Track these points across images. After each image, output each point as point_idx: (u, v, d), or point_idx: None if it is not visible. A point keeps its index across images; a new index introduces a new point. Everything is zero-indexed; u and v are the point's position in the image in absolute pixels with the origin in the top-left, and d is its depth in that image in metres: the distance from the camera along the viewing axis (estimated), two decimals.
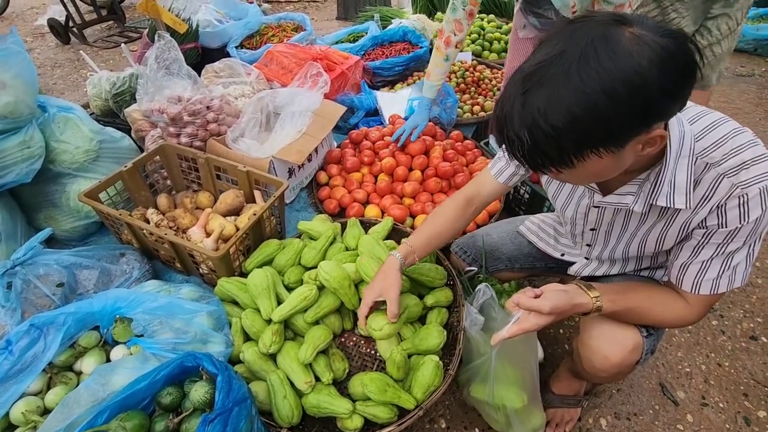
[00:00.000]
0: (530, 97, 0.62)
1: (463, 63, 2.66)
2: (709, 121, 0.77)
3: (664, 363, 1.47)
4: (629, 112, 0.60)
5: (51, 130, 1.54)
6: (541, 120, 0.61)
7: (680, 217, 0.83)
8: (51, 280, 1.26)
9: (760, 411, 1.34)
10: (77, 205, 1.58)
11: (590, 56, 0.59)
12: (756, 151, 0.73)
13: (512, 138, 0.66)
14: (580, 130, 0.61)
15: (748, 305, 1.65)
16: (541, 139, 0.63)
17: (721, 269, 0.82)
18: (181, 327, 1.09)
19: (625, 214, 0.93)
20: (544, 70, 0.61)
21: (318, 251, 1.34)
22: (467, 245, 1.40)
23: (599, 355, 0.99)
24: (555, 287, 0.88)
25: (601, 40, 0.59)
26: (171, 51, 1.78)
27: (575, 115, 0.59)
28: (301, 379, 1.08)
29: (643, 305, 0.91)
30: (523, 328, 0.87)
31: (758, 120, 2.76)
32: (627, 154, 0.67)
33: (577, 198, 0.99)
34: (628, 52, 0.58)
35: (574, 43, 0.60)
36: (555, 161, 0.66)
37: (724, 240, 0.79)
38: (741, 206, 0.74)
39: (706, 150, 0.76)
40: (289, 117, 1.82)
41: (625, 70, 0.58)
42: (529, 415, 1.13)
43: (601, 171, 0.70)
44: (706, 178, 0.76)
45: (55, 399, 1.00)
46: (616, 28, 0.60)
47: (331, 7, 5.07)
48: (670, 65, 0.59)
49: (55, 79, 3.66)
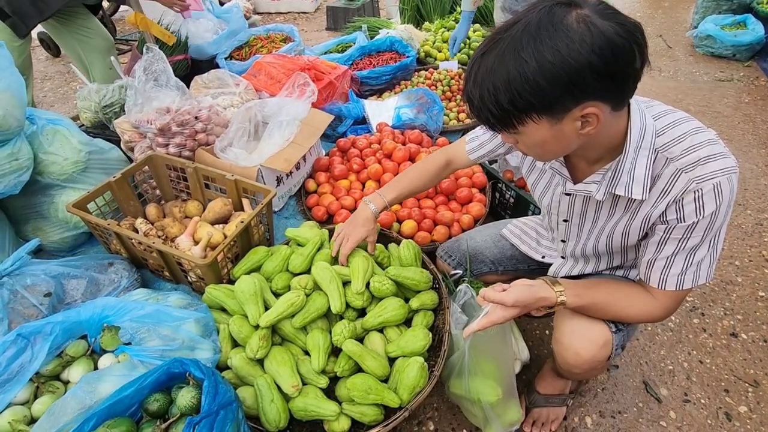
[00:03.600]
0: (485, 58, 0.71)
1: (449, 71, 2.71)
2: (672, 118, 0.82)
3: (647, 361, 1.50)
4: (555, 81, 0.66)
5: (39, 141, 1.55)
6: (486, 79, 0.70)
7: (642, 211, 0.87)
8: (38, 290, 1.27)
9: (740, 406, 1.37)
10: (66, 216, 1.59)
11: (532, 27, 0.67)
12: (713, 149, 0.77)
13: (468, 95, 0.75)
14: (513, 90, 0.68)
15: (729, 303, 1.69)
16: (486, 96, 0.71)
17: (685, 265, 0.86)
18: (169, 334, 1.10)
19: (595, 207, 0.97)
20: (500, 35, 0.70)
21: (305, 257, 1.36)
22: (452, 249, 1.43)
23: (571, 352, 1.02)
24: (522, 282, 0.94)
25: (547, 15, 0.67)
26: (159, 63, 1.81)
27: (511, 75, 0.67)
28: (288, 383, 1.09)
29: (608, 299, 0.95)
30: (491, 320, 0.92)
31: (737, 123, 2.83)
32: (566, 130, 0.73)
33: (552, 187, 1.04)
34: (566, 28, 0.65)
35: (529, 15, 0.68)
36: (499, 120, 0.74)
37: (683, 235, 0.83)
38: (696, 201, 0.78)
39: (666, 145, 0.80)
40: (277, 126, 1.85)
41: (556, 42, 0.65)
42: (505, 408, 1.15)
43: (545, 141, 0.76)
44: (666, 172, 0.81)
45: (41, 408, 1.01)
46: (564, 8, 0.67)
47: (321, 18, 5.14)
48: (604, 47, 0.64)
49: (45, 92, 3.66)
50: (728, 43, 3.57)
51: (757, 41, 3.47)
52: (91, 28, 2.43)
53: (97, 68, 2.47)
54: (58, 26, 2.33)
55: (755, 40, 3.46)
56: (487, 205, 1.81)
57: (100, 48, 2.46)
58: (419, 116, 2.25)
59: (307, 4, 5.31)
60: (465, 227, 1.71)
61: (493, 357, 1.11)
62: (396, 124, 2.27)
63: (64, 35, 2.38)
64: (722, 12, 3.94)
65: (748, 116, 2.90)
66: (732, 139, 2.67)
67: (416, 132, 2.10)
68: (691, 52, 3.85)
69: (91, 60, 2.47)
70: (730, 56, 3.64)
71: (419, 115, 2.26)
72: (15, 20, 2.08)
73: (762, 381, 1.43)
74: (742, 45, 3.52)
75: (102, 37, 2.48)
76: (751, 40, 3.47)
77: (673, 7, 4.96)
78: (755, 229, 2.01)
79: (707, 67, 3.58)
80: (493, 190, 1.89)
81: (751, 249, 1.91)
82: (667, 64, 3.65)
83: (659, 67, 3.60)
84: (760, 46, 3.53)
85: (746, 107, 3.00)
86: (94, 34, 2.44)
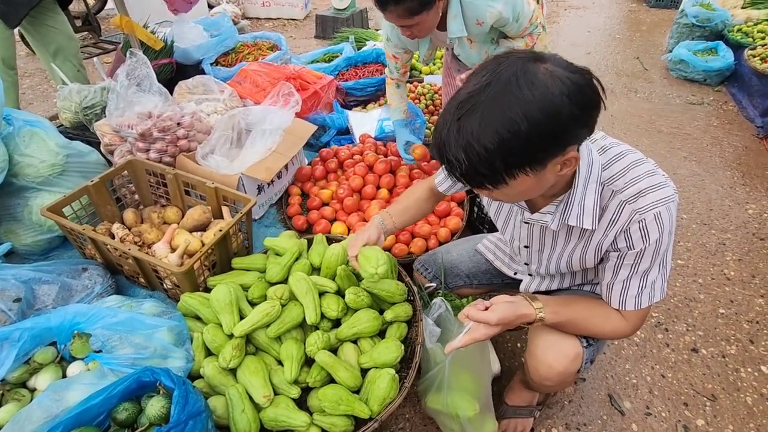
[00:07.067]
0: (464, 122, 0.70)
1: (432, 86, 2.77)
2: (615, 152, 0.89)
3: (612, 375, 1.55)
4: (546, 134, 0.69)
5: (16, 143, 1.54)
6: (474, 142, 0.70)
7: (594, 239, 0.94)
8: (7, 295, 1.25)
9: (698, 419, 1.43)
10: (39, 219, 1.57)
11: (513, 87, 0.68)
12: (651, 181, 0.84)
13: (451, 160, 0.74)
14: (507, 150, 0.69)
15: (691, 319, 1.76)
16: (476, 159, 0.71)
17: (640, 286, 0.92)
18: (141, 342, 1.10)
19: (552, 235, 1.03)
20: (475, 99, 0.70)
21: (282, 267, 1.38)
22: (428, 262, 1.47)
23: (545, 365, 1.06)
24: (503, 299, 0.96)
25: (521, 73, 0.69)
26: (143, 68, 1.81)
27: (503, 137, 0.68)
28: (260, 392, 1.10)
29: (584, 316, 1.00)
30: (473, 337, 0.94)
31: (705, 145, 2.96)
32: (548, 174, 0.76)
33: (513, 216, 1.10)
34: (544, 84, 0.68)
35: (499, 76, 0.70)
36: (489, 179, 0.74)
37: (635, 261, 0.90)
38: (641, 230, 0.85)
39: (611, 178, 0.87)
40: (260, 135, 1.86)
41: (542, 99, 0.67)
42: (482, 423, 1.18)
43: (528, 189, 0.79)
44: (612, 204, 0.87)
45: (6, 416, 0.99)
46: (533, 63, 0.70)
47: (310, 25, 5.18)
48: (578, 96, 0.69)
49: (24, 89, 3.59)
50: (700, 68, 3.73)
51: (727, 68, 3.64)
52: (55, 26, 2.31)
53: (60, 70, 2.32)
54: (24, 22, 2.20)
55: (725, 66, 3.63)
56: (465, 218, 1.85)
57: (62, 48, 2.34)
58: None
59: (296, 11, 5.34)
60: (442, 240, 1.75)
61: (472, 371, 1.13)
62: (379, 135, 2.31)
63: (29, 31, 2.27)
64: (695, 38, 4.12)
65: (716, 139, 3.03)
66: (700, 160, 2.80)
67: None
68: (665, 75, 4.01)
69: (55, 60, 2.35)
70: (702, 81, 3.81)
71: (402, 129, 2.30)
72: (5, 9, 2.01)
73: (719, 395, 1.50)
74: (713, 71, 3.69)
75: (65, 37, 2.35)
76: (721, 66, 3.64)
77: (651, 30, 5.16)
78: (718, 249, 2.11)
79: (680, 90, 3.73)
80: (471, 204, 1.93)
81: (714, 267, 2.00)
82: (643, 86, 3.80)
83: (635, 89, 3.74)
84: (729, 72, 3.70)
85: (714, 130, 3.14)
86: (58, 33, 2.32)
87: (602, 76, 3.92)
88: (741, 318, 1.77)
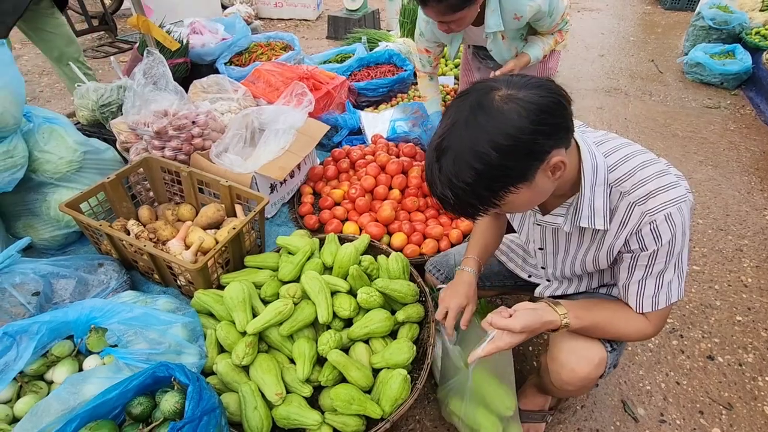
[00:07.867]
0: (442, 163, 0.77)
1: (444, 86, 2.76)
2: (623, 153, 0.89)
3: (626, 381, 1.53)
4: (518, 155, 0.73)
5: (35, 140, 1.56)
6: (455, 179, 0.75)
7: (606, 241, 0.94)
8: (27, 288, 1.27)
9: (714, 428, 1.41)
10: (57, 214, 1.60)
11: (473, 122, 0.73)
12: (661, 182, 0.84)
13: (440, 197, 0.80)
14: (487, 179, 0.74)
15: (707, 326, 1.73)
16: (461, 194, 0.77)
17: (656, 287, 0.91)
18: (156, 338, 1.11)
19: (565, 237, 1.03)
20: (445, 140, 0.76)
21: (295, 266, 1.38)
22: (440, 263, 1.46)
23: (567, 369, 1.04)
24: (526, 306, 0.94)
25: (477, 107, 0.74)
26: (159, 66, 1.83)
27: (478, 170, 0.73)
28: (272, 390, 1.10)
29: (607, 320, 0.98)
30: (497, 346, 0.92)
31: (722, 150, 2.91)
32: (541, 183, 0.78)
33: (527, 218, 1.11)
34: (499, 111, 0.72)
35: (460, 114, 0.75)
36: (480, 207, 0.79)
37: (648, 262, 0.89)
38: (653, 231, 0.85)
39: (619, 180, 0.87)
40: (273, 134, 1.87)
41: (502, 126, 0.71)
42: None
43: (527, 201, 0.81)
44: (621, 206, 0.87)
45: (24, 408, 1.01)
46: (487, 94, 0.74)
47: (322, 26, 5.20)
48: (536, 112, 0.72)
49: (42, 87, 3.66)
50: (717, 72, 3.68)
51: (744, 71, 3.58)
52: (54, 30, 2.24)
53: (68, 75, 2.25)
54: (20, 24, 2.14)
55: (743, 69, 3.57)
56: None
57: (64, 54, 2.28)
58: (414, 130, 2.29)
59: (309, 12, 5.37)
60: (454, 241, 1.74)
61: (496, 382, 1.11)
62: (391, 136, 2.31)
63: (32, 38, 2.22)
64: (712, 41, 4.06)
65: (732, 143, 2.98)
66: (717, 165, 2.75)
67: (410, 145, 2.14)
68: (681, 78, 3.96)
69: (62, 66, 2.30)
70: (718, 84, 3.75)
71: (414, 129, 2.30)
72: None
73: (736, 404, 1.47)
74: (730, 74, 3.63)
75: (65, 41, 2.28)
76: (738, 70, 3.58)
77: (666, 33, 5.10)
78: (735, 255, 2.07)
79: (696, 94, 3.68)
80: None
81: (731, 274, 1.97)
82: (658, 89, 3.75)
83: (650, 92, 3.69)
84: (747, 76, 3.64)
85: (731, 134, 3.09)
86: (58, 38, 2.26)
87: (616, 79, 3.89)
88: (759, 326, 1.74)
